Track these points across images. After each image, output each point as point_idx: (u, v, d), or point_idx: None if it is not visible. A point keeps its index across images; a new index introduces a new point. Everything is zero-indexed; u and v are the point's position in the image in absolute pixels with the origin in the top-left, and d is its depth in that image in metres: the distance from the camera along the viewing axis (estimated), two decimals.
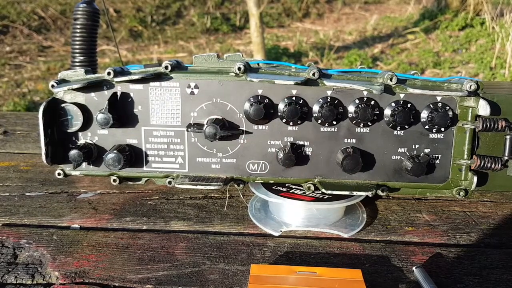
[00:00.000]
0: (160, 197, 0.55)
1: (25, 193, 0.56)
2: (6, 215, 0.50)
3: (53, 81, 0.46)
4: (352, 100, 0.44)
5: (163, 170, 0.48)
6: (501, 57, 3.60)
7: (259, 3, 3.74)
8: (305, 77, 0.44)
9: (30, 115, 0.96)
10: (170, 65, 0.44)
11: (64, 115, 0.46)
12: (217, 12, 5.14)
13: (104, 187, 0.57)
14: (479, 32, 4.23)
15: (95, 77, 0.46)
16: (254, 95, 0.45)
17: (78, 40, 0.60)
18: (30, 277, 0.39)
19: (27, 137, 0.80)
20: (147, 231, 0.47)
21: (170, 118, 0.46)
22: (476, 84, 0.43)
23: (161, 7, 5.15)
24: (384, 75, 0.43)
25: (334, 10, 5.42)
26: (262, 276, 0.36)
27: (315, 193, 0.47)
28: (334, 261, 0.41)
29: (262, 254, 0.42)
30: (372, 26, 4.85)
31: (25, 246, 0.44)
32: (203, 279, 0.39)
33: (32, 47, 4.27)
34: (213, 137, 0.44)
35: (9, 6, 4.70)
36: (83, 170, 0.48)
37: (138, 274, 0.39)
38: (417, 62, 3.84)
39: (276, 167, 0.47)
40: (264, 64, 0.47)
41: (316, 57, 4.02)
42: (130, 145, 0.47)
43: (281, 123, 0.45)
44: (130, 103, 0.46)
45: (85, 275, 0.39)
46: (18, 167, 0.65)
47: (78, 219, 0.49)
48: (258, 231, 0.47)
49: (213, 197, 0.55)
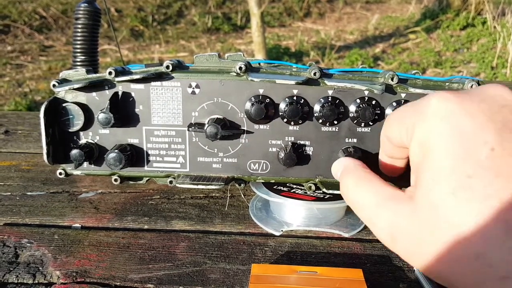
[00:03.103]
0: (161, 196, 0.55)
1: (27, 192, 0.56)
2: (7, 214, 0.50)
3: (55, 81, 0.46)
4: (353, 99, 0.44)
5: (164, 169, 0.48)
6: (503, 56, 3.60)
7: (260, 3, 3.74)
8: (306, 76, 0.44)
9: (32, 115, 0.96)
10: (171, 64, 0.44)
11: (66, 115, 0.46)
12: (218, 11, 5.14)
13: (105, 186, 0.57)
14: (480, 31, 4.22)
15: (97, 77, 0.46)
16: (255, 94, 0.45)
17: (80, 40, 0.60)
18: (31, 276, 0.39)
19: (29, 136, 0.81)
20: (148, 230, 0.47)
21: (171, 117, 0.46)
22: (478, 83, 0.43)
23: (162, 6, 5.15)
24: (385, 74, 0.43)
25: (335, 9, 5.42)
26: (263, 275, 0.36)
27: (316, 193, 0.47)
28: (335, 260, 0.41)
29: (263, 254, 0.42)
30: (373, 26, 4.84)
31: (26, 246, 0.44)
32: (204, 278, 0.39)
33: (33, 47, 4.27)
34: (214, 137, 0.44)
35: (11, 6, 4.70)
36: (84, 170, 0.48)
37: (139, 273, 0.39)
38: (418, 61, 3.83)
39: (277, 166, 0.47)
40: (265, 64, 0.47)
41: (317, 56, 4.02)
42: (132, 144, 0.47)
43: (282, 122, 0.45)
44: (131, 102, 0.46)
45: (86, 275, 0.39)
46: (19, 167, 0.65)
47: (79, 218, 0.49)
48: (259, 230, 0.47)
49: (214, 196, 0.55)
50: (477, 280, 0.24)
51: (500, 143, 0.24)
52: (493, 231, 0.23)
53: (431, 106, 0.27)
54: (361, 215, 0.32)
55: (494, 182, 0.23)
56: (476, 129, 0.25)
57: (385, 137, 0.33)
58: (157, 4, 5.13)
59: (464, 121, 0.25)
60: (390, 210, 0.28)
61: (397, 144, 0.32)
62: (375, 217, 0.30)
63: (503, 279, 0.22)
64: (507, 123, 0.25)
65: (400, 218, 0.28)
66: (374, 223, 0.30)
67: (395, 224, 0.28)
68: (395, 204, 0.28)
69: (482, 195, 0.23)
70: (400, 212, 0.28)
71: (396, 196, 0.29)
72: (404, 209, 0.27)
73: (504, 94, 0.27)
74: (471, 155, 0.24)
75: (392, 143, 0.32)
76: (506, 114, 0.25)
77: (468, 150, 0.24)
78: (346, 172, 0.34)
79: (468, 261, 0.23)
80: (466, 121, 0.25)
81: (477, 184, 0.24)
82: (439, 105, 0.27)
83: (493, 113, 0.25)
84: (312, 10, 5.36)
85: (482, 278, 0.23)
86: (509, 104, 0.26)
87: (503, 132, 0.24)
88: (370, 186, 0.31)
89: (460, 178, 0.24)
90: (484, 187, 0.23)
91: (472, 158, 0.24)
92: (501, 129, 0.25)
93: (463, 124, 0.25)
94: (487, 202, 0.23)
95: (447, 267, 0.25)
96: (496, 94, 0.27)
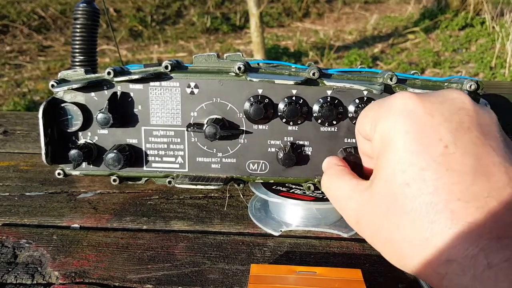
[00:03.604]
0: (160, 196, 0.55)
1: (25, 193, 0.56)
2: (6, 215, 0.50)
3: (53, 81, 0.46)
4: (352, 100, 0.44)
5: (163, 169, 0.48)
6: (501, 56, 3.60)
7: (259, 3, 3.74)
8: (305, 76, 0.44)
9: (30, 115, 0.96)
10: (170, 64, 0.44)
11: (64, 115, 0.46)
12: (217, 11, 5.14)
13: (104, 187, 0.57)
14: (479, 31, 4.23)
15: (95, 77, 0.46)
16: (254, 94, 0.45)
17: (78, 40, 0.60)
18: (30, 277, 0.39)
19: (27, 136, 0.80)
20: (147, 231, 0.47)
21: (170, 118, 0.46)
22: (476, 83, 0.43)
23: (161, 6, 5.14)
24: (384, 74, 0.43)
25: (334, 9, 5.42)
26: (262, 276, 0.36)
27: (315, 193, 0.47)
28: (334, 261, 0.41)
29: (262, 254, 0.42)
30: (372, 26, 4.85)
31: (25, 246, 0.44)
32: (203, 278, 0.39)
33: (32, 47, 4.27)
34: (213, 137, 0.44)
35: (9, 6, 4.70)
36: (83, 170, 0.48)
37: (138, 274, 0.39)
38: (417, 61, 3.83)
39: (276, 166, 0.47)
40: (264, 64, 0.47)
41: (316, 56, 4.02)
42: (130, 144, 0.47)
43: (281, 123, 0.45)
44: (130, 102, 0.46)
45: (85, 275, 0.39)
46: (18, 167, 0.65)
47: (78, 219, 0.49)
48: (258, 230, 0.47)
49: (213, 196, 0.55)
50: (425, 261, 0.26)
51: (454, 142, 0.26)
52: (440, 218, 0.25)
53: (396, 103, 0.29)
54: (336, 206, 0.35)
55: (444, 176, 0.26)
56: (433, 128, 0.27)
57: (357, 130, 0.36)
58: (156, 4, 5.12)
59: (423, 119, 0.28)
60: (354, 199, 0.32)
61: (364, 136, 0.34)
62: (345, 206, 0.33)
63: (447, 262, 0.24)
64: (462, 124, 0.27)
65: (362, 205, 0.31)
66: (344, 212, 0.33)
67: (358, 212, 0.31)
68: (358, 193, 0.32)
69: (433, 185, 0.26)
70: (361, 200, 0.31)
71: (360, 186, 0.32)
72: (364, 197, 0.31)
73: (463, 99, 0.29)
74: (427, 151, 0.27)
75: (361, 135, 0.35)
76: (462, 116, 0.28)
77: (424, 146, 0.27)
78: (325, 169, 0.38)
79: (419, 244, 0.26)
80: (425, 120, 0.28)
81: (429, 176, 0.26)
82: (403, 103, 0.29)
83: (451, 114, 0.28)
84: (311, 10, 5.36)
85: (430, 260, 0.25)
86: (466, 108, 0.28)
87: (457, 132, 0.27)
88: (341, 180, 0.35)
89: (414, 170, 0.27)
90: (435, 179, 0.26)
91: (427, 153, 0.27)
92: (457, 129, 0.27)
93: (422, 122, 0.28)
94: (436, 192, 0.25)
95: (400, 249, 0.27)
96: (455, 97, 0.29)
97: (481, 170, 0.25)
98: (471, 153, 0.26)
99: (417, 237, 0.26)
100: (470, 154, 0.26)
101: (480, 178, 0.25)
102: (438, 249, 0.25)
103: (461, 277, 0.24)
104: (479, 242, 0.24)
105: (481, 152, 0.26)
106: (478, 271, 0.23)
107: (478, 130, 0.27)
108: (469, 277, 0.23)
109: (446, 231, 0.25)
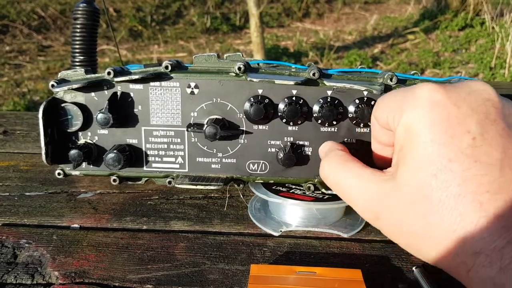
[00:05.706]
0: (160, 197, 0.55)
1: (25, 193, 0.56)
2: (6, 215, 0.50)
3: (53, 81, 0.46)
4: (352, 100, 0.44)
5: (163, 170, 0.48)
6: (501, 57, 3.60)
7: (259, 3, 3.74)
8: (305, 77, 0.44)
9: (30, 115, 0.96)
10: (170, 65, 0.44)
11: (64, 115, 0.46)
12: (217, 12, 5.14)
13: (104, 187, 0.57)
14: (479, 32, 4.23)
15: (95, 77, 0.46)
16: (254, 95, 0.45)
17: (78, 40, 0.60)
18: (30, 277, 0.39)
19: (27, 136, 0.80)
20: (147, 231, 0.47)
21: (170, 118, 0.46)
22: None
23: (161, 6, 5.15)
24: (384, 75, 0.43)
25: (334, 10, 5.42)
26: (262, 276, 0.36)
27: (315, 193, 0.47)
28: (334, 261, 0.41)
29: (262, 254, 0.42)
30: (372, 26, 4.85)
31: (24, 246, 0.44)
32: (203, 279, 0.39)
33: (31, 47, 4.27)
34: (213, 137, 0.44)
35: (9, 6, 4.70)
36: (83, 170, 0.48)
37: (138, 274, 0.39)
38: (417, 62, 3.84)
39: (276, 167, 0.47)
40: (264, 64, 0.47)
41: (316, 57, 4.02)
42: (130, 145, 0.47)
43: (281, 123, 0.45)
44: (130, 103, 0.46)
45: (85, 275, 0.39)
46: (18, 167, 0.65)
47: (78, 219, 0.49)
48: (258, 231, 0.47)
49: (213, 197, 0.55)
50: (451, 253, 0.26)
51: (481, 134, 0.26)
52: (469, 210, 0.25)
53: (421, 94, 0.29)
54: (343, 196, 0.34)
55: (472, 167, 0.25)
56: (460, 119, 0.27)
57: (374, 117, 0.35)
58: (156, 4, 5.12)
59: (450, 110, 0.27)
60: (371, 190, 0.31)
61: (383, 125, 0.33)
62: (358, 197, 0.32)
63: (475, 254, 0.24)
64: (489, 115, 0.27)
65: (382, 196, 0.30)
66: (357, 203, 0.32)
67: (377, 202, 0.30)
68: (375, 183, 0.31)
69: (461, 177, 0.25)
70: (381, 191, 0.30)
71: (377, 176, 0.31)
72: (385, 188, 0.30)
73: (488, 90, 0.29)
74: (454, 142, 0.26)
75: (379, 124, 0.34)
76: (489, 108, 0.27)
77: (452, 138, 0.27)
78: (326, 153, 0.37)
79: (446, 236, 0.26)
80: (452, 111, 0.27)
81: (457, 167, 0.26)
82: (428, 94, 0.29)
83: (477, 105, 0.27)
84: (311, 10, 5.36)
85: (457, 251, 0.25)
86: (492, 99, 0.28)
87: (484, 124, 0.27)
88: (351, 168, 0.34)
89: (442, 161, 0.26)
90: (463, 171, 0.26)
91: (455, 144, 0.26)
92: (484, 120, 0.27)
93: (449, 113, 0.27)
94: (465, 184, 0.25)
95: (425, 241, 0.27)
96: (481, 89, 0.29)
97: (508, 162, 0.25)
98: (498, 145, 0.26)
99: (444, 228, 0.26)
100: (497, 146, 0.26)
101: (508, 170, 0.25)
102: (465, 241, 0.25)
103: (488, 269, 0.24)
104: (507, 235, 0.24)
105: (507, 144, 0.26)
106: (505, 263, 0.23)
107: (504, 121, 0.27)
108: (495, 269, 0.23)
109: (474, 223, 0.25)
